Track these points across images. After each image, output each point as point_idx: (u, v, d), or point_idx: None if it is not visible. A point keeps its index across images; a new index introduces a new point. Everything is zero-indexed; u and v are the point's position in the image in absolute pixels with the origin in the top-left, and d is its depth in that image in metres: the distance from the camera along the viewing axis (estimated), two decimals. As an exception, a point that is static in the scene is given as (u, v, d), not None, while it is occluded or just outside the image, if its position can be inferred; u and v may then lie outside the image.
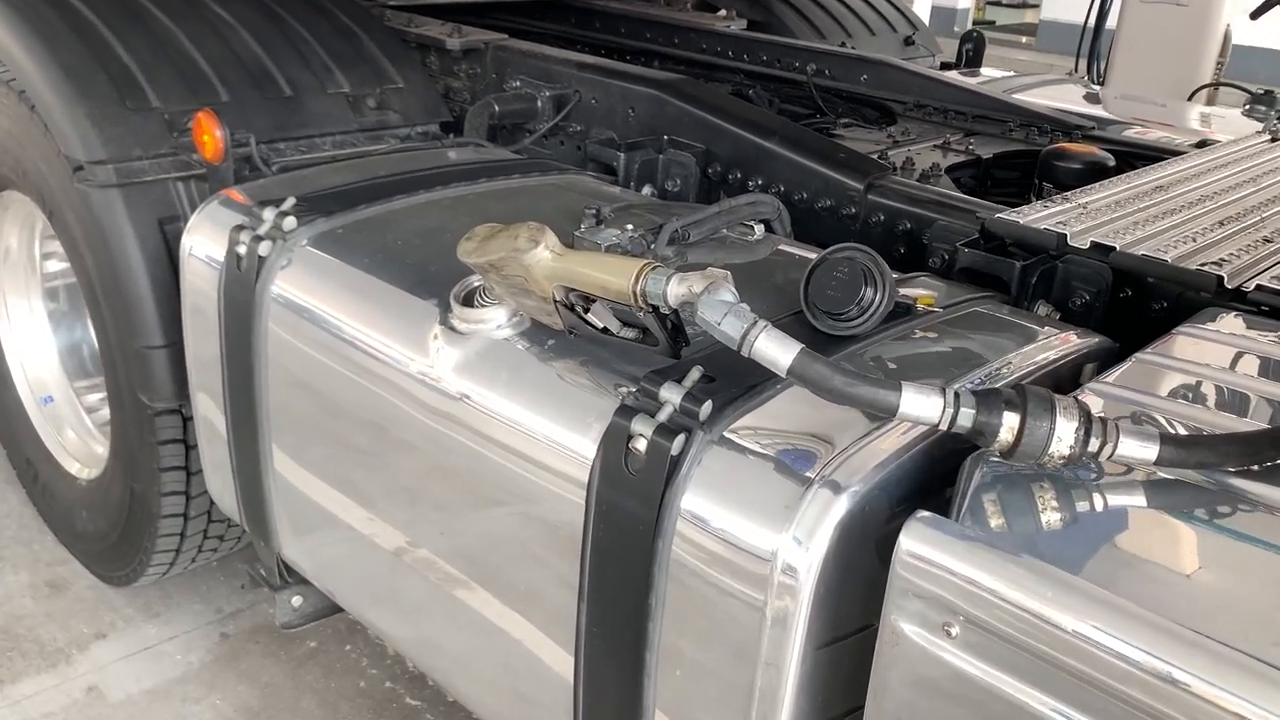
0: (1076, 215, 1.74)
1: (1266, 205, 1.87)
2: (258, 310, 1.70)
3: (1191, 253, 1.60)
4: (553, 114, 2.51)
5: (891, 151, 2.40)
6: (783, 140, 2.17)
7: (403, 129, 2.39)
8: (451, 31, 2.74)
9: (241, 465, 1.86)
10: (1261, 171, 2.11)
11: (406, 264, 1.62)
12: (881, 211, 2.00)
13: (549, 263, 1.18)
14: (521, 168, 2.04)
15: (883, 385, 1.01)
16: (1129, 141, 2.58)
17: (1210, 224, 1.74)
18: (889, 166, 2.15)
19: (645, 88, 2.39)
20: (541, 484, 1.32)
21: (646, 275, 1.11)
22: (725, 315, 1.05)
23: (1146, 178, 2.01)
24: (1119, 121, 2.80)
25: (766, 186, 2.17)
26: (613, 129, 2.42)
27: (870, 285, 1.31)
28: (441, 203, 1.84)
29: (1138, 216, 1.76)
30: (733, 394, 1.19)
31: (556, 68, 2.56)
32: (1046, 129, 2.62)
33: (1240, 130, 2.92)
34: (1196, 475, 1.03)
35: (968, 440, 1.04)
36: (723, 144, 2.24)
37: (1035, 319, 1.52)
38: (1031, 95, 3.15)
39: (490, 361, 1.39)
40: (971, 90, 2.80)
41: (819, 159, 2.11)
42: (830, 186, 2.07)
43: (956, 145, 2.50)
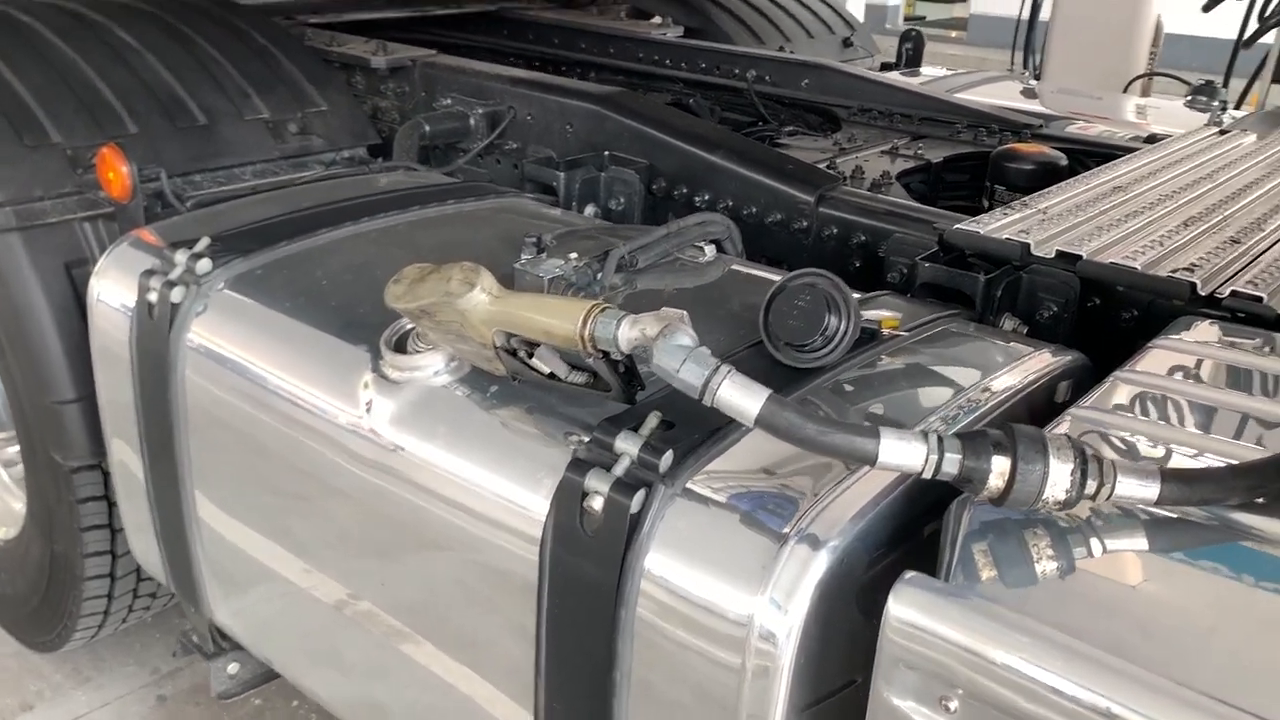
0: (1037, 222, 1.68)
1: (1227, 202, 1.81)
2: (173, 361, 1.57)
3: (1160, 258, 1.54)
4: (487, 132, 2.40)
5: (840, 160, 2.32)
6: (729, 153, 2.08)
7: (327, 154, 2.26)
8: (376, 49, 2.62)
9: (165, 526, 1.73)
10: (1216, 166, 2.06)
11: (333, 305, 1.50)
12: (834, 224, 1.92)
13: (486, 307, 1.08)
14: (455, 192, 1.93)
15: (859, 433, 0.91)
16: (1077, 139, 2.53)
17: (1175, 225, 1.69)
18: (839, 177, 2.07)
19: (583, 102, 2.29)
20: (489, 547, 1.21)
21: (595, 319, 1.01)
22: (684, 362, 0.96)
23: (1104, 178, 1.95)
24: (1064, 117, 2.76)
25: (714, 201, 2.08)
26: (551, 146, 2.32)
27: (834, 313, 1.22)
28: (370, 235, 1.72)
29: (1100, 221, 1.70)
30: (695, 440, 1.09)
31: (489, 84, 2.45)
32: (994, 129, 2.57)
33: (1184, 122, 2.90)
34: (1199, 511, 0.95)
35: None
36: (667, 159, 2.15)
37: (1005, 337, 1.45)
38: (974, 94, 3.11)
39: (427, 411, 1.28)
40: (917, 92, 2.74)
41: (767, 172, 2.02)
42: (780, 200, 1.99)
43: (905, 150, 2.43)
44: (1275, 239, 1.64)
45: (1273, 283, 1.44)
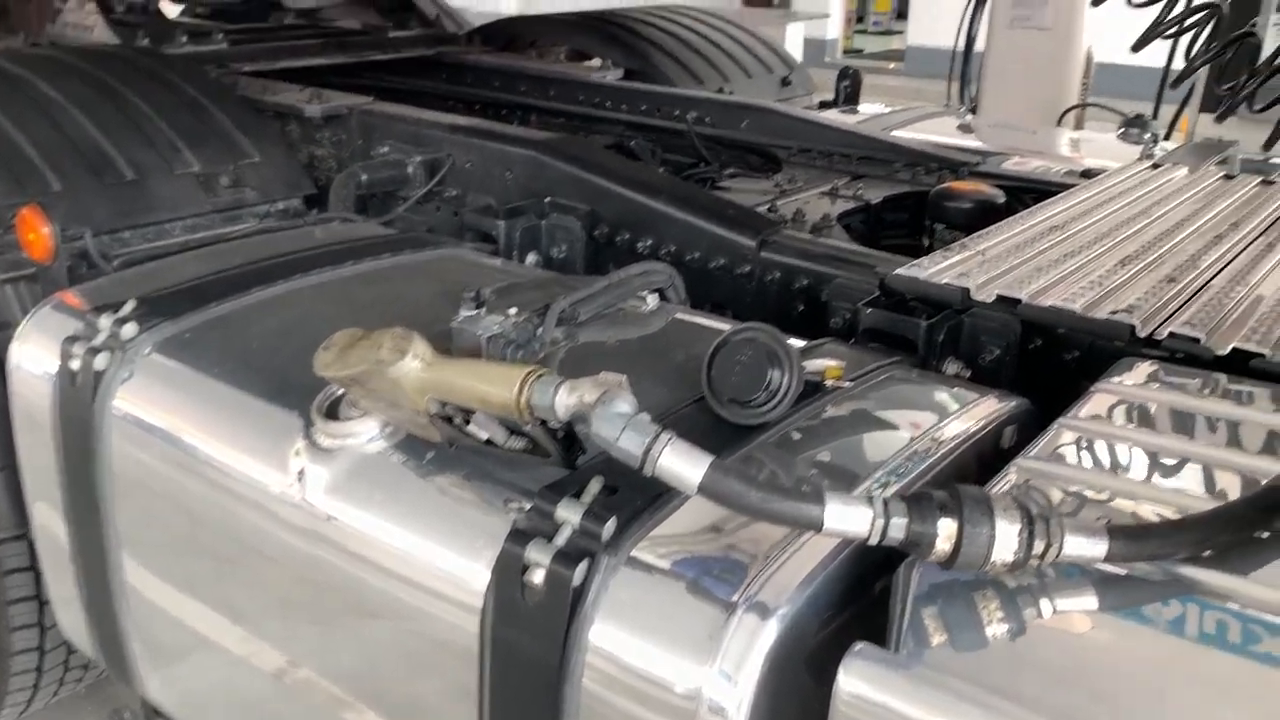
0: (977, 265, 1.68)
1: (1162, 239, 1.84)
2: (98, 429, 1.51)
3: (1099, 299, 1.55)
4: (425, 180, 2.37)
5: (781, 202, 2.32)
6: (671, 199, 2.07)
7: (261, 206, 2.21)
8: (311, 97, 2.58)
9: (92, 599, 1.66)
10: (1150, 202, 2.09)
11: (265, 368, 1.45)
12: (777, 269, 1.92)
13: (419, 374, 1.04)
14: (393, 245, 1.89)
15: (804, 499, 0.89)
16: (1014, 175, 2.56)
17: (1112, 264, 1.70)
18: (781, 221, 2.07)
19: (522, 149, 2.27)
20: (429, 619, 1.17)
21: (531, 385, 0.98)
22: (623, 430, 0.93)
23: (1041, 216, 1.97)
24: (1000, 153, 2.79)
25: (657, 247, 2.07)
26: (491, 193, 2.29)
27: (776, 367, 1.20)
28: (304, 292, 1.67)
29: (1038, 261, 1.71)
30: (638, 506, 1.06)
31: (427, 131, 2.43)
32: (932, 167, 2.59)
33: (1117, 154, 2.94)
34: (1148, 566, 0.94)
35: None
36: (608, 205, 2.13)
37: (949, 383, 1.44)
38: (912, 131, 3.14)
39: (361, 480, 1.24)
40: (854, 132, 2.76)
41: (709, 217, 2.02)
42: (722, 245, 1.98)
43: (845, 191, 2.44)
44: (1209, 276, 1.66)
45: (1209, 322, 1.45)
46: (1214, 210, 2.04)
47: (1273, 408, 1.25)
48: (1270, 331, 1.44)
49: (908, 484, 1.19)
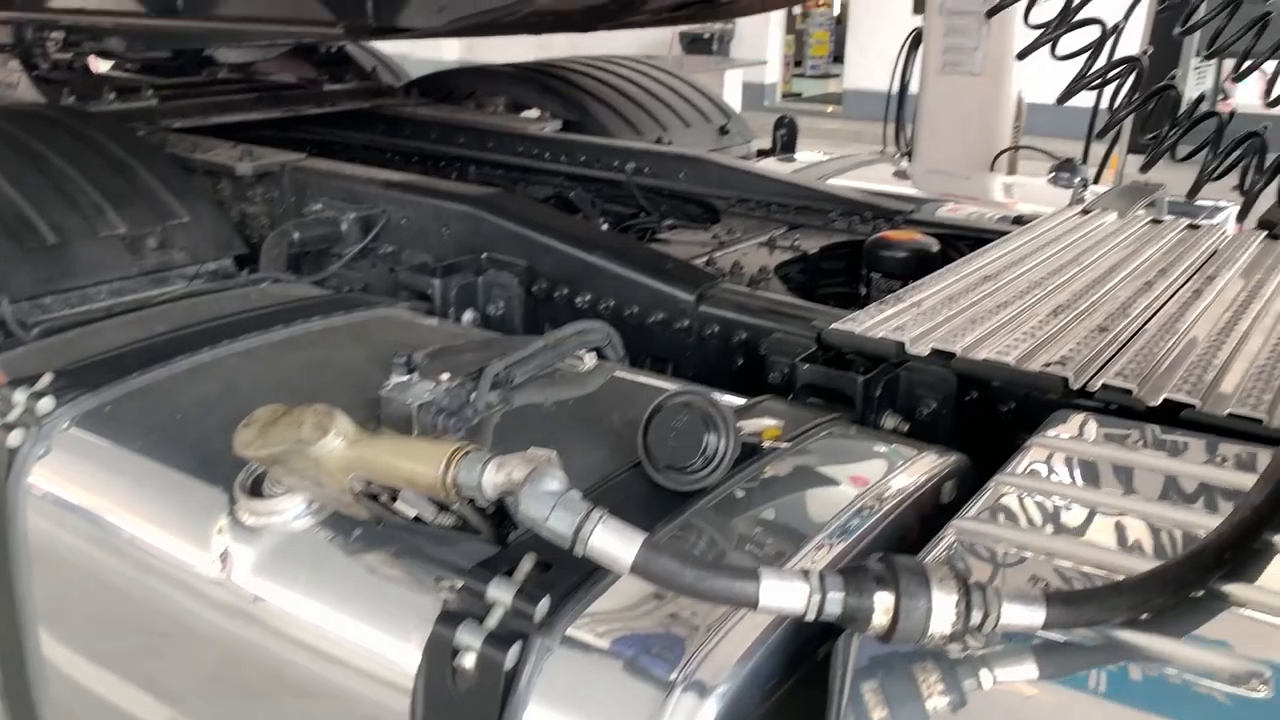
0: (912, 318, 1.69)
1: (1093, 287, 1.86)
2: (13, 509, 1.45)
3: (1032, 350, 1.56)
4: (360, 237, 2.33)
5: (719, 254, 2.33)
6: (608, 254, 2.06)
7: (190, 268, 2.16)
8: (242, 155, 2.54)
9: (8, 684, 1.58)
10: (1081, 249, 2.12)
11: (188, 442, 1.41)
12: (715, 323, 1.91)
13: (342, 453, 1.01)
14: (325, 306, 1.86)
15: (739, 576, 0.87)
16: (948, 222, 2.59)
17: (1044, 314, 1.71)
18: (719, 274, 2.07)
19: (458, 204, 2.25)
20: (359, 701, 1.12)
21: (458, 464, 0.95)
22: (552, 509, 0.90)
23: (974, 265, 1.98)
24: (934, 200, 2.83)
25: (595, 302, 2.05)
26: (427, 249, 2.27)
27: (712, 431, 1.19)
28: (231, 359, 1.63)
29: (972, 312, 1.72)
30: (573, 582, 1.03)
31: (361, 187, 2.40)
32: (867, 216, 2.61)
33: (1048, 199, 3.00)
34: (1087, 631, 0.93)
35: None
36: (546, 260, 2.12)
37: (888, 440, 1.43)
38: (848, 179, 3.18)
39: (286, 559, 1.19)
40: (791, 182, 2.78)
41: (647, 272, 2.01)
42: (661, 300, 1.97)
43: (782, 242, 2.45)
44: (1140, 325, 1.68)
45: (1140, 373, 1.47)
46: (1143, 256, 2.08)
47: (1204, 459, 1.26)
48: (1200, 381, 1.46)
49: (849, 545, 1.17)
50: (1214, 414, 1.35)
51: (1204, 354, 1.55)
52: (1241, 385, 1.45)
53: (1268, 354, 1.57)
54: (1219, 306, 1.78)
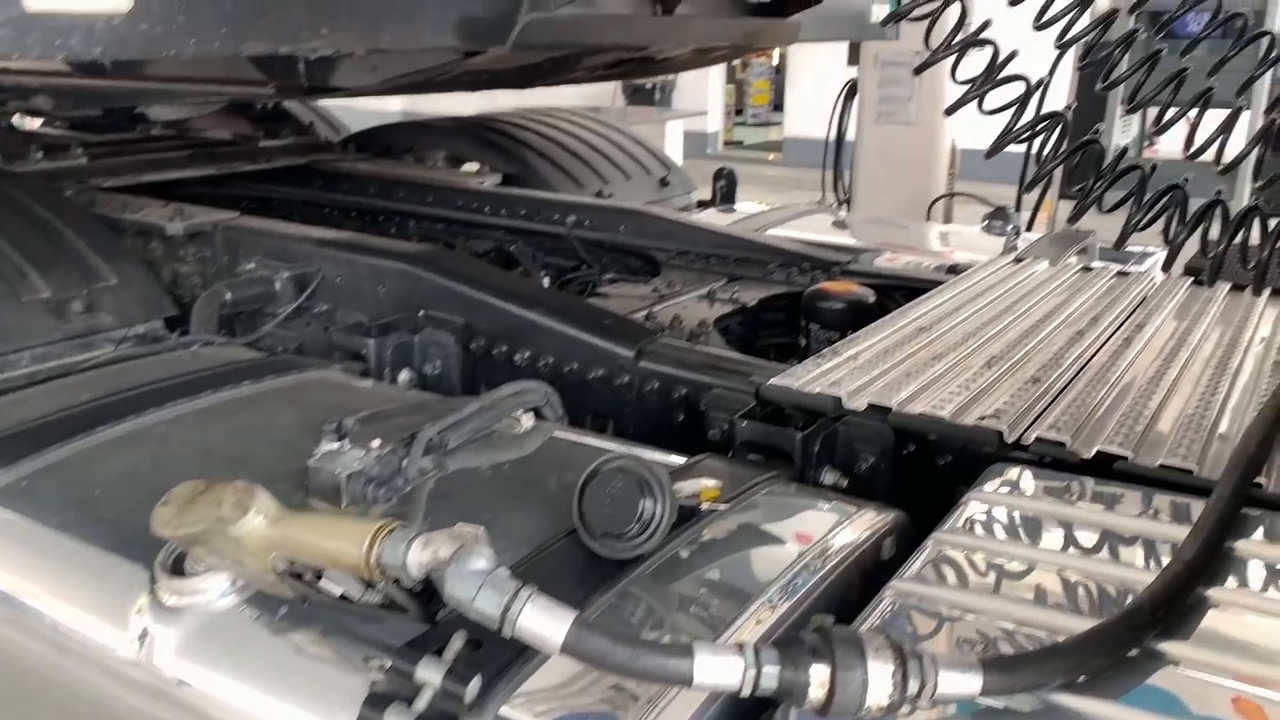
0: (849, 372, 1.69)
1: (1026, 337, 1.88)
2: (-79, 592, 1.38)
3: (967, 403, 1.57)
4: (294, 296, 2.30)
5: (658, 308, 2.33)
6: (547, 310, 2.05)
7: (118, 331, 2.11)
8: (173, 214, 2.50)
9: (-82, 778, 1.50)
10: (1014, 298, 2.15)
11: (107, 518, 1.35)
12: (655, 379, 1.90)
13: (263, 532, 0.98)
14: (255, 370, 1.82)
15: (672, 653, 0.85)
16: (884, 273, 2.62)
17: (979, 365, 1.73)
18: (658, 329, 2.07)
19: (394, 262, 2.23)
20: (286, 791, 1.08)
21: (381, 543, 0.93)
22: (479, 589, 0.88)
23: (910, 317, 2.00)
24: (871, 250, 2.86)
25: (534, 359, 2.04)
26: (363, 307, 2.24)
27: (648, 496, 1.17)
28: (156, 429, 1.58)
29: (908, 365, 1.73)
30: (504, 660, 1.00)
31: (295, 245, 2.37)
32: (805, 267, 2.63)
33: (982, 247, 3.05)
34: (1026, 695, 0.93)
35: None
36: (484, 317, 2.10)
37: (827, 498, 1.43)
38: (787, 229, 3.21)
39: (209, 639, 1.15)
40: (730, 234, 2.80)
41: (586, 328, 2.00)
42: (600, 356, 1.96)
43: (722, 294, 2.46)
44: (1072, 375, 1.70)
45: (1074, 424, 1.48)
46: (1074, 304, 2.11)
47: (1137, 512, 1.27)
48: (1132, 431, 1.47)
49: (790, 608, 1.16)
50: (1146, 466, 1.37)
51: (1135, 403, 1.57)
52: (1172, 435, 1.47)
53: (1196, 402, 1.59)
54: (1149, 354, 1.81)
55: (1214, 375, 1.71)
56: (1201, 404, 1.59)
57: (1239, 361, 1.78)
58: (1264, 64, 1.85)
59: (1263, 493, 1.29)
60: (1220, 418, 1.55)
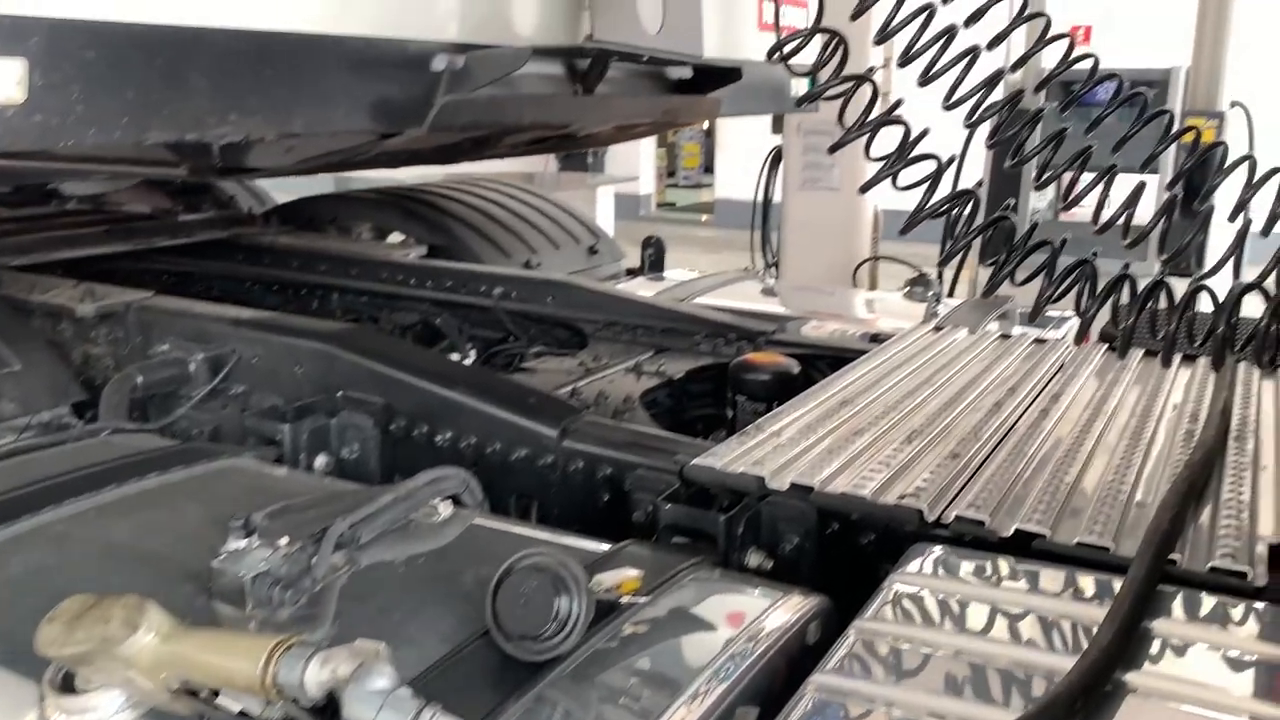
0: (773, 449, 1.69)
1: (946, 409, 1.90)
2: None
3: (889, 480, 1.57)
4: (209, 378, 2.24)
5: (584, 383, 2.31)
6: (469, 389, 2.02)
7: (21, 419, 2.03)
8: (84, 295, 2.43)
9: None
10: (934, 368, 2.18)
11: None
12: (580, 458, 1.88)
13: (154, 650, 0.93)
14: (163, 460, 1.75)
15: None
16: (809, 342, 2.64)
17: (900, 440, 1.74)
18: (582, 408, 2.05)
19: (312, 341, 2.19)
20: None
21: (278, 661, 0.88)
22: (380, 710, 0.84)
23: (832, 390, 2.01)
24: (797, 318, 2.89)
25: (456, 440, 2.00)
26: (280, 388, 2.18)
27: (564, 594, 1.14)
28: (55, 527, 1.51)
29: (831, 441, 1.73)
30: (411, 777, 0.96)
31: (210, 325, 2.31)
32: (731, 338, 2.64)
33: (905, 313, 3.10)
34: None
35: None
36: (404, 397, 2.06)
37: (751, 584, 1.41)
38: (715, 297, 3.23)
39: (102, 763, 1.08)
40: (657, 306, 2.81)
41: (509, 407, 1.97)
42: (524, 436, 1.93)
43: (648, 367, 2.46)
44: (991, 448, 1.71)
45: (993, 501, 1.49)
46: (993, 374, 2.15)
47: (1056, 592, 1.27)
48: (1050, 506, 1.48)
49: (713, 703, 1.13)
50: (1064, 544, 1.37)
51: (1053, 476, 1.59)
52: (1090, 507, 1.48)
53: (1112, 473, 1.61)
54: (1065, 424, 1.84)
55: (1129, 445, 1.73)
56: (1117, 475, 1.61)
57: (1152, 430, 1.81)
58: (1165, 139, 1.92)
59: (1177, 569, 1.30)
60: (1136, 488, 1.57)
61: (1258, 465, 1.65)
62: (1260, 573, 1.28)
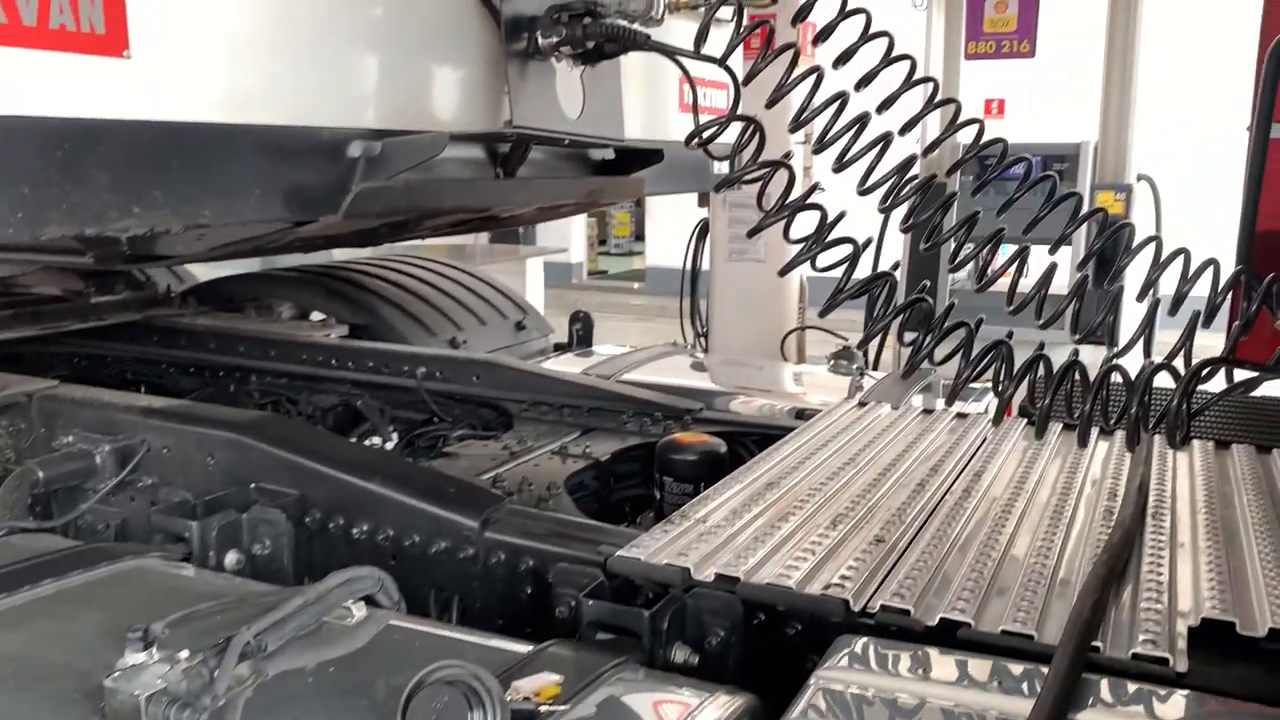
0: (697, 538, 1.66)
1: (871, 490, 1.90)
2: None
3: (814, 569, 1.55)
4: (116, 470, 2.15)
5: (508, 468, 2.27)
6: (386, 479, 1.96)
7: (-93, 525, 1.92)
8: (-17, 385, 2.33)
9: None
10: (859, 446, 2.18)
11: None
12: (501, 550, 1.83)
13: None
14: (61, 564, 1.66)
15: None
16: (735, 420, 2.64)
17: (825, 525, 1.73)
18: (504, 496, 2.00)
19: (224, 431, 2.11)
20: None
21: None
22: None
23: (757, 472, 2.00)
24: (726, 393, 2.89)
25: (374, 532, 1.94)
26: (191, 481, 2.11)
27: (478, 709, 1.10)
28: (-65, 645, 1.42)
29: (756, 527, 1.71)
30: None
31: (118, 415, 2.22)
32: (658, 416, 2.63)
33: (830, 386, 3.12)
34: None
35: None
36: (319, 488, 2.00)
37: (675, 682, 1.37)
38: (643, 373, 3.22)
39: None
40: (583, 384, 2.78)
41: (428, 497, 1.92)
42: (444, 527, 1.88)
43: (574, 449, 2.42)
44: (915, 531, 1.71)
45: (917, 588, 1.48)
46: (916, 451, 2.16)
47: (981, 682, 1.26)
48: (974, 591, 1.48)
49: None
50: (989, 632, 1.37)
51: (977, 560, 1.59)
52: (1014, 592, 1.48)
53: (1034, 556, 1.61)
54: (987, 504, 1.85)
55: (1050, 525, 1.74)
56: (1040, 557, 1.61)
57: (1072, 508, 1.83)
58: (1074, 221, 1.97)
59: (1101, 657, 1.30)
60: (1058, 569, 1.58)
61: (1175, 543, 1.67)
62: (1181, 659, 1.28)
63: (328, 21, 1.86)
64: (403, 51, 2.01)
